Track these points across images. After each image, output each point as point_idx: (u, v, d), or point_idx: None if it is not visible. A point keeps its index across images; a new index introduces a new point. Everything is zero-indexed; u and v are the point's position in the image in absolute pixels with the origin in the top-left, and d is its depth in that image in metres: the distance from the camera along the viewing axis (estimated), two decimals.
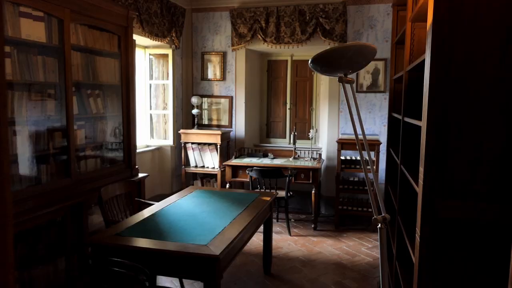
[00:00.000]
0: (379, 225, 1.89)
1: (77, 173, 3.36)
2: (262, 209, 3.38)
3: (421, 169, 1.65)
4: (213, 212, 3.19)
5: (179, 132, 5.79)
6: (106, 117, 3.98)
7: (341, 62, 1.88)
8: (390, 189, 3.17)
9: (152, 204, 3.62)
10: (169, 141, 5.66)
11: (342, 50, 1.89)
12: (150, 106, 5.74)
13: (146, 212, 3.22)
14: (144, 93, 5.69)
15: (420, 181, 1.67)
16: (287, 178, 4.89)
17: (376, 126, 5.61)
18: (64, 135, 3.26)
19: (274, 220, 5.55)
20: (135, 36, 4.81)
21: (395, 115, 3.16)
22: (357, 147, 4.94)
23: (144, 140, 5.72)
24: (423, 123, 1.63)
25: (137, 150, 5.21)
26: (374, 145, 5.01)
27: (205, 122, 6.27)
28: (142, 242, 2.55)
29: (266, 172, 4.84)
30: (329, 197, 5.82)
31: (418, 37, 2.46)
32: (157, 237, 2.64)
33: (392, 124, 3.29)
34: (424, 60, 1.71)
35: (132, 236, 2.64)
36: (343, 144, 5.11)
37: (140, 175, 4.30)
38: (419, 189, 1.70)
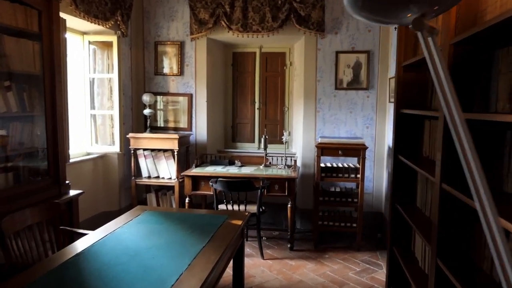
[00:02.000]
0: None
1: None
2: (233, 239, 2.54)
3: None
4: (165, 248, 2.31)
5: (127, 136, 4.82)
6: (22, 117, 3.00)
7: None
8: (402, 210, 2.42)
9: (84, 235, 2.70)
10: (116, 148, 4.68)
11: None
12: (93, 105, 4.74)
13: (72, 250, 2.29)
14: (84, 89, 4.68)
15: None
16: (259, 190, 4.08)
17: (358, 128, 4.92)
18: None
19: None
20: (69, 18, 3.83)
21: (408, 111, 2.42)
22: (339, 152, 4.21)
23: (85, 146, 4.71)
24: None
25: (73, 159, 4.22)
26: (358, 150, 4.30)
27: (160, 124, 5.33)
28: None
29: (233, 184, 4.00)
30: (305, 209, 5.06)
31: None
32: None
33: (403, 124, 2.55)
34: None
35: None
36: (323, 149, 4.36)
37: (73, 192, 3.33)
38: None
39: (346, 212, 4.63)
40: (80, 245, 2.37)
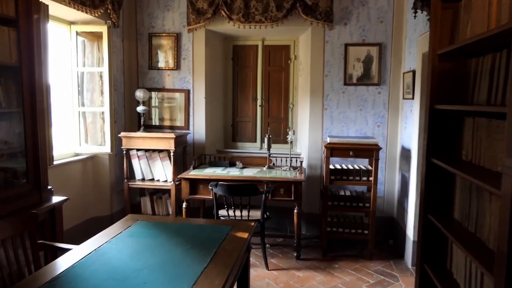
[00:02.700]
0: None
1: None
2: (239, 256, 2.18)
3: None
4: (160, 269, 1.94)
5: (119, 135, 4.44)
6: None
7: None
8: (438, 222, 2.07)
9: (67, 250, 2.34)
10: (106, 148, 4.30)
11: None
12: (82, 102, 4.35)
13: (49, 272, 1.92)
14: (71, 84, 4.30)
15: None
16: (264, 195, 3.72)
17: (369, 127, 4.57)
18: None
19: None
20: (53, 4, 3.45)
21: (444, 107, 2.06)
22: (350, 153, 3.85)
23: (73, 146, 4.33)
24: None
25: (59, 161, 3.84)
26: (371, 150, 3.95)
27: (155, 122, 4.96)
28: None
29: (235, 188, 3.64)
30: (311, 214, 4.72)
31: None
32: None
33: (436, 123, 2.19)
34: None
35: None
36: (332, 150, 4.01)
37: (56, 198, 2.96)
38: None
39: (356, 217, 4.28)
40: (60, 265, 2.00)
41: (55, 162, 3.78)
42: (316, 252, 4.28)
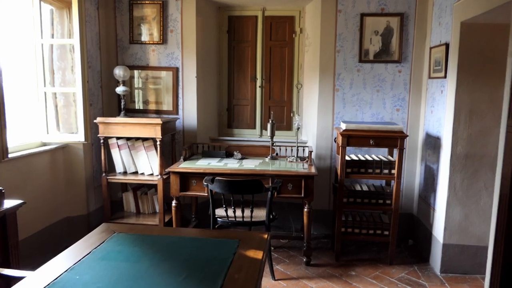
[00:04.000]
0: None
1: None
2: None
3: None
4: None
5: (95, 121, 3.75)
6: None
7: None
8: None
9: (19, 279, 1.71)
10: (79, 136, 3.61)
11: None
12: (51, 82, 3.63)
13: None
14: (35, 59, 3.57)
15: None
16: (269, 192, 3.10)
17: (387, 111, 3.97)
18: None
19: None
20: None
21: None
22: (370, 141, 3.24)
23: (39, 135, 3.63)
24: None
25: (18, 153, 3.16)
26: (395, 139, 3.35)
27: (138, 106, 4.26)
28: None
29: (236, 185, 3.01)
30: (318, 210, 4.12)
31: None
32: None
33: None
34: None
35: None
36: (349, 138, 3.40)
37: (8, 204, 2.29)
38: None
39: (374, 216, 3.71)
40: None
41: (13, 155, 3.10)
42: (327, 256, 3.70)
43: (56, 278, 1.58)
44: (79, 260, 1.74)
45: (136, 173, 3.95)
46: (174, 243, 1.95)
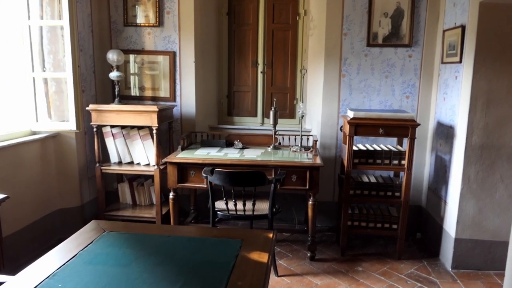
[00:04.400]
0: None
1: None
2: None
3: None
4: None
5: (87, 109, 3.54)
6: None
7: None
8: None
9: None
10: (70, 124, 3.40)
11: None
12: (42, 66, 3.41)
13: None
14: (23, 42, 3.35)
15: None
16: (272, 184, 2.92)
17: (396, 98, 3.76)
18: None
19: None
20: None
21: None
22: (379, 130, 3.03)
23: (28, 123, 3.43)
24: None
25: (4, 143, 2.97)
26: (406, 127, 3.16)
27: (134, 92, 4.05)
28: None
29: (237, 177, 2.82)
30: (322, 202, 3.93)
31: None
32: None
33: None
34: None
35: None
36: (357, 127, 3.20)
37: None
38: None
39: (381, 209, 3.54)
40: None
41: (0, 144, 2.90)
42: (332, 250, 3.54)
43: (36, 287, 1.40)
44: (64, 264, 1.56)
45: (131, 163, 3.76)
46: (170, 243, 1.77)
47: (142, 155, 3.71)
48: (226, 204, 2.98)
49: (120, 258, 1.61)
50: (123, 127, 3.71)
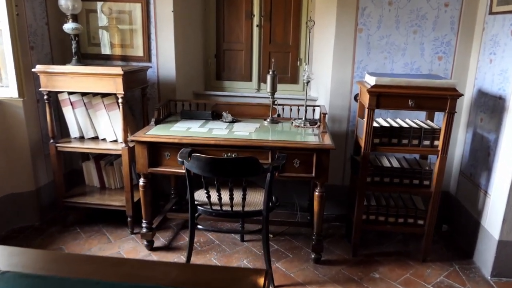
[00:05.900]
0: None
1: None
2: None
3: None
4: None
5: (33, 70, 2.78)
6: None
7: None
8: None
9: None
10: (12, 90, 2.66)
11: None
12: None
13: None
14: None
15: None
16: (269, 173, 2.22)
17: (425, 60, 2.99)
18: None
19: (238, 240, 2.96)
20: None
21: None
22: (409, 102, 2.28)
23: None
24: None
25: None
26: (444, 98, 2.41)
27: (103, 50, 3.27)
28: None
29: (222, 165, 2.12)
30: (329, 186, 3.24)
31: None
32: None
33: None
34: None
35: None
36: (379, 97, 2.46)
37: None
38: None
39: (403, 199, 2.87)
40: None
41: None
42: (341, 248, 2.90)
43: None
44: None
45: (96, 138, 3.05)
46: None
47: (108, 129, 2.99)
48: (209, 197, 2.29)
49: None
50: (84, 94, 2.96)
